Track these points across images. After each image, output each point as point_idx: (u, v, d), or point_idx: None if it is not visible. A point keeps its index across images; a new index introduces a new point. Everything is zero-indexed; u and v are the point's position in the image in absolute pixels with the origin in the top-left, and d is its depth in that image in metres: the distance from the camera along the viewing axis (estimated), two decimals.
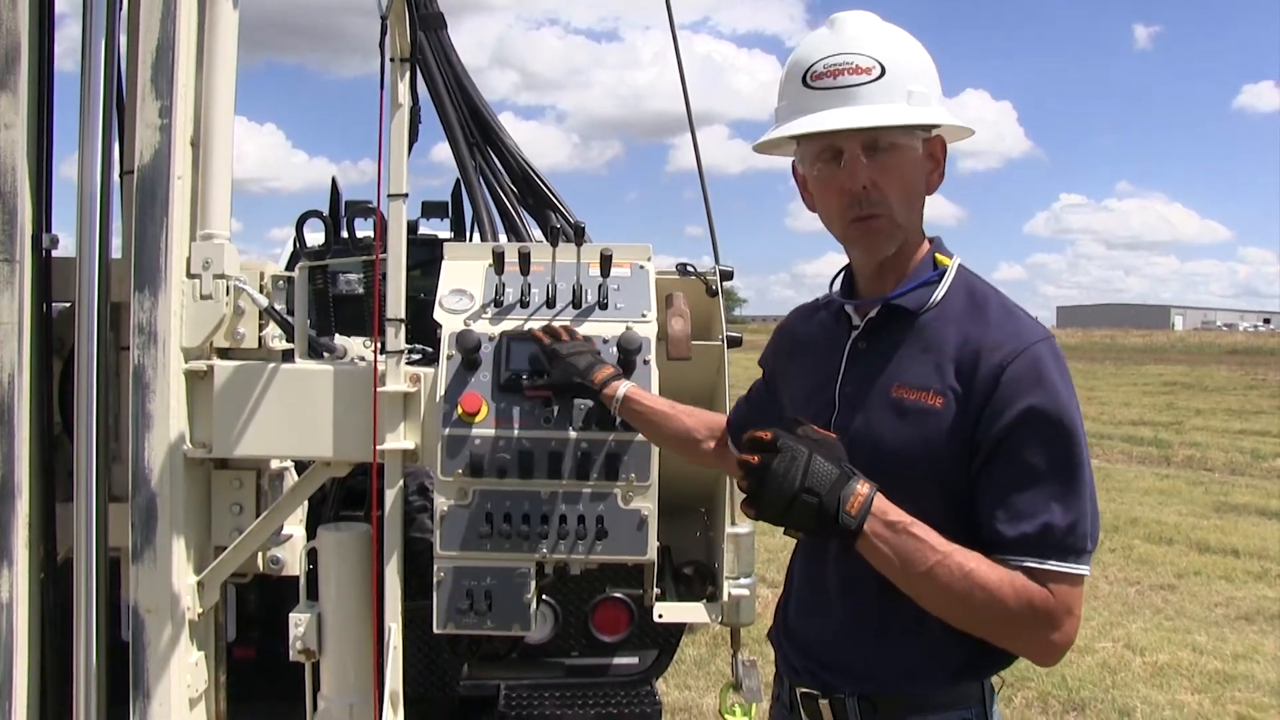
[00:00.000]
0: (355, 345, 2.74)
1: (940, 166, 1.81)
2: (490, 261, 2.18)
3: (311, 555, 2.32)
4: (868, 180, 1.72)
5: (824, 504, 1.58)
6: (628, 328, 2.08)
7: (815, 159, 1.79)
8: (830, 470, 1.60)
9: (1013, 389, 1.63)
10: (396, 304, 2.15)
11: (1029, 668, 5.53)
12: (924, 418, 1.69)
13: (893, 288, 1.81)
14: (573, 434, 2.01)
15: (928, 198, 1.85)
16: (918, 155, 1.77)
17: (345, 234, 4.15)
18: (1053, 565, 1.61)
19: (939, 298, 1.77)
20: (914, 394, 1.71)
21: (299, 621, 2.25)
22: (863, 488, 1.60)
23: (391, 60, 2.10)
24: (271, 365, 2.19)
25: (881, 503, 1.62)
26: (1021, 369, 1.63)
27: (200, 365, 2.17)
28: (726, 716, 2.29)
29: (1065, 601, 1.62)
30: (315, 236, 4.53)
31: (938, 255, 1.82)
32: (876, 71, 1.74)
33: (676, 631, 3.68)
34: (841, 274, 1.95)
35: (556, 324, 2.14)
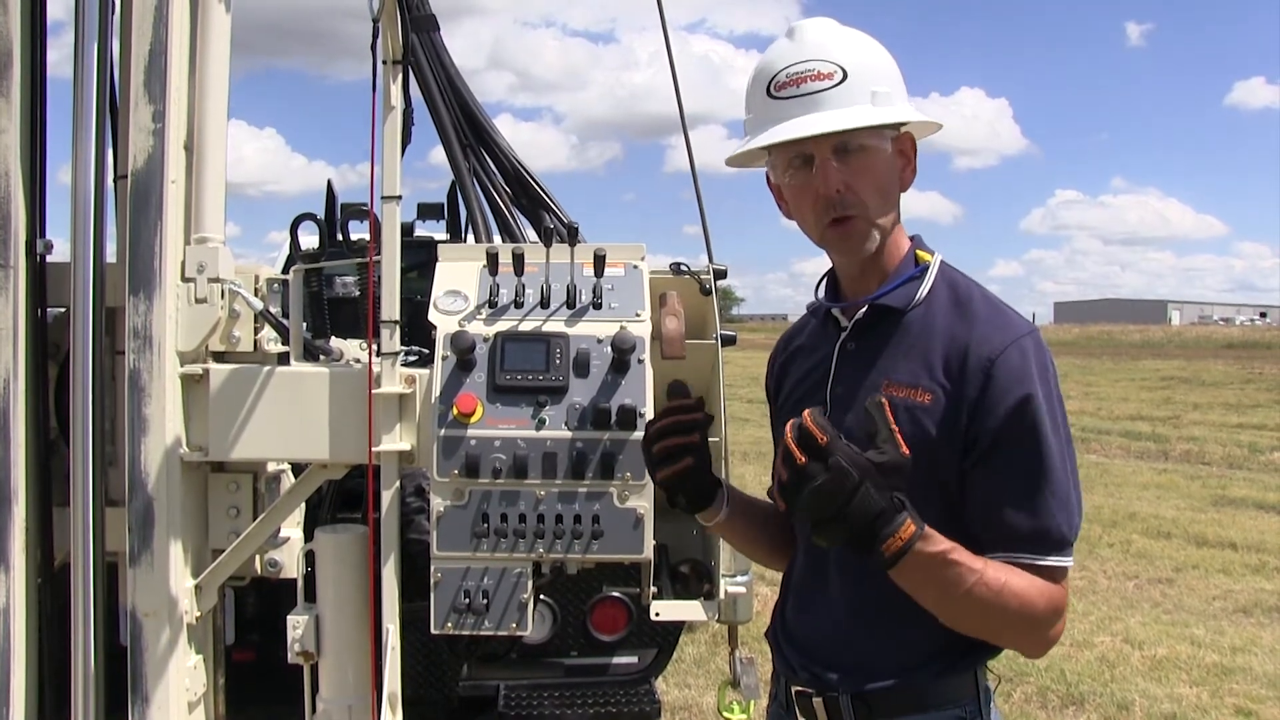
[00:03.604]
0: (351, 348, 2.75)
1: (911, 163, 1.82)
2: (484, 262, 2.19)
3: (309, 557, 2.32)
4: (840, 184, 1.73)
5: (858, 536, 1.50)
6: (622, 327, 2.09)
7: (786, 167, 1.80)
8: (875, 505, 1.49)
9: (1004, 382, 1.64)
10: (391, 306, 2.15)
11: (1027, 663, 5.54)
12: (914, 414, 1.70)
13: (876, 287, 1.82)
14: (568, 434, 2.02)
15: (911, 195, 1.87)
16: (888, 154, 1.78)
17: (340, 236, 4.16)
18: (1054, 560, 1.63)
19: (923, 294, 1.78)
20: (903, 391, 1.72)
21: (297, 624, 2.25)
22: (905, 531, 1.51)
23: (384, 63, 2.11)
24: (267, 368, 2.19)
25: (925, 543, 1.54)
26: (1011, 362, 1.65)
27: (196, 369, 2.17)
28: (725, 714, 2.30)
29: (1065, 594, 1.67)
30: (310, 239, 4.53)
31: (919, 252, 1.82)
32: (839, 76, 1.74)
33: (675, 630, 3.69)
34: (825, 278, 1.96)
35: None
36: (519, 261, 2.17)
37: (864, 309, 1.83)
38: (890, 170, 1.79)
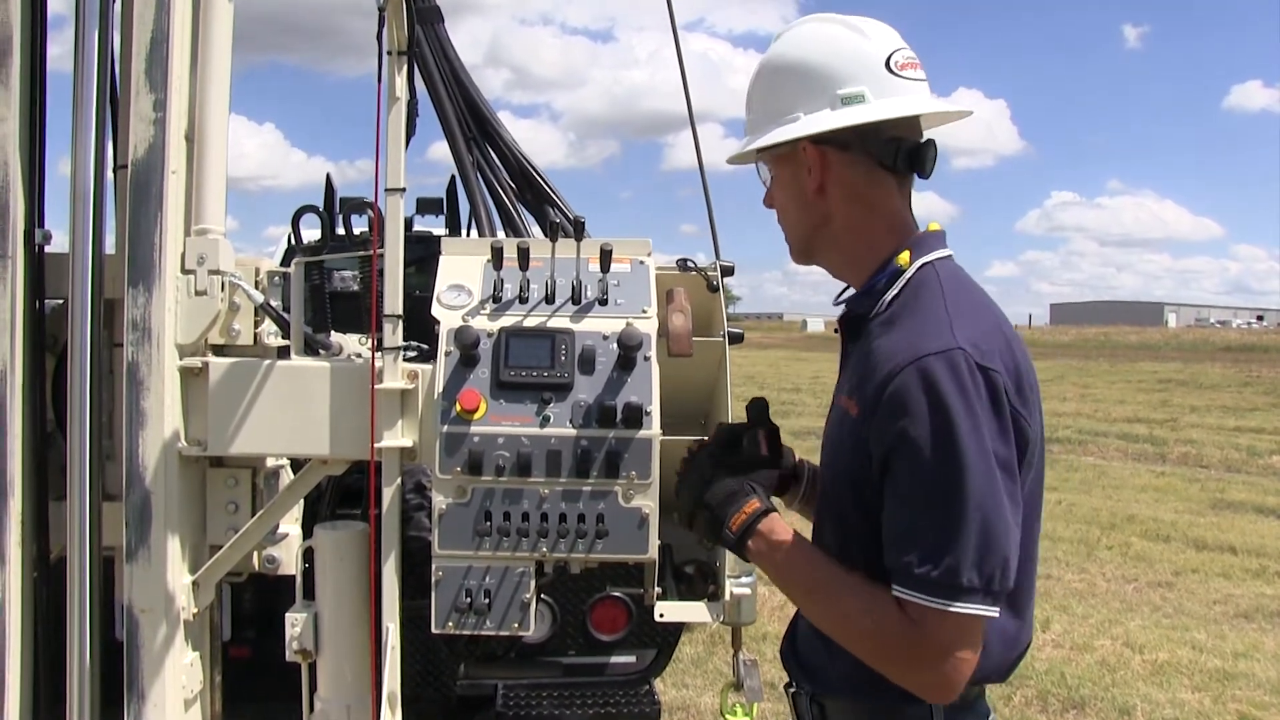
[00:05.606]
0: (351, 342, 2.72)
1: (814, 173, 1.77)
2: (488, 257, 2.16)
3: (308, 554, 2.30)
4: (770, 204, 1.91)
5: (714, 518, 1.72)
6: (628, 324, 2.06)
7: None
8: (727, 488, 1.72)
9: (892, 406, 1.55)
10: (394, 300, 2.13)
11: (1027, 666, 5.52)
12: (847, 427, 1.67)
13: None
14: (572, 431, 1.99)
15: (882, 198, 1.81)
16: (782, 175, 1.84)
17: (341, 230, 4.14)
18: (920, 599, 1.51)
19: (887, 301, 1.72)
20: (846, 401, 1.71)
21: (295, 621, 2.22)
22: (749, 507, 1.69)
23: (389, 54, 2.08)
24: (267, 362, 2.17)
25: (770, 523, 1.69)
26: (903, 385, 1.54)
27: (195, 362, 2.15)
28: (728, 716, 2.27)
29: (937, 638, 1.52)
30: (311, 233, 4.52)
31: (901, 256, 1.74)
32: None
33: (675, 630, 3.67)
34: None
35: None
36: (524, 256, 2.14)
37: (841, 313, 1.84)
38: (784, 190, 1.84)
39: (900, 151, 1.75)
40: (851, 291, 1.85)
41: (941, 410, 1.51)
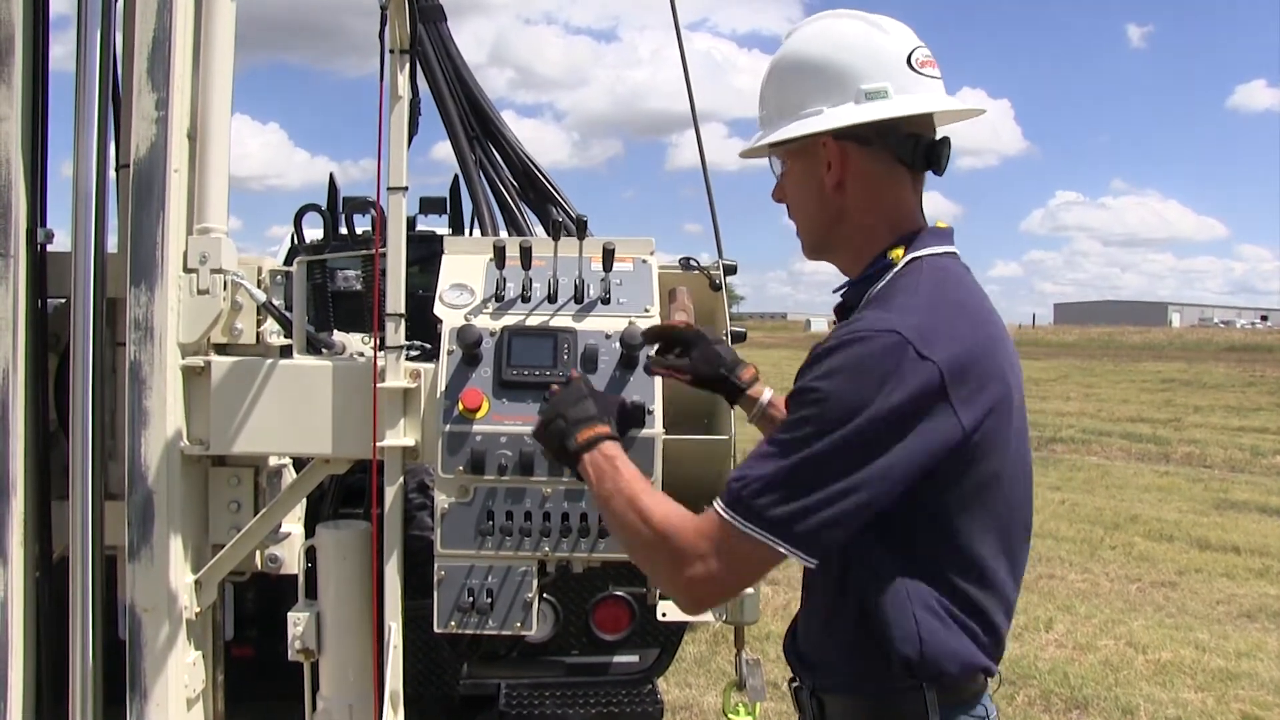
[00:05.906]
0: (353, 341, 2.72)
1: (833, 168, 1.77)
2: (491, 256, 2.16)
3: (310, 554, 2.30)
4: (780, 198, 1.88)
5: (567, 430, 1.75)
6: (630, 322, 2.06)
7: None
8: (588, 411, 1.77)
9: (807, 364, 1.60)
10: (396, 299, 2.13)
11: (1031, 666, 5.53)
12: None
13: None
14: None
15: (890, 195, 1.80)
16: (795, 170, 1.82)
17: (344, 229, 4.14)
18: (719, 508, 1.56)
19: (873, 294, 1.74)
20: None
21: (298, 620, 2.22)
22: (601, 429, 1.75)
23: (391, 52, 2.08)
24: (269, 361, 2.17)
25: (613, 446, 1.74)
26: (823, 349, 1.59)
27: (197, 361, 2.14)
28: (730, 715, 2.27)
29: (712, 545, 1.57)
30: (313, 232, 4.51)
31: (893, 251, 1.76)
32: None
33: (678, 630, 3.66)
34: None
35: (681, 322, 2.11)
36: (526, 255, 2.14)
37: (837, 304, 1.85)
38: (799, 185, 1.82)
39: (919, 148, 1.77)
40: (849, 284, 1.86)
41: (843, 373, 1.54)
